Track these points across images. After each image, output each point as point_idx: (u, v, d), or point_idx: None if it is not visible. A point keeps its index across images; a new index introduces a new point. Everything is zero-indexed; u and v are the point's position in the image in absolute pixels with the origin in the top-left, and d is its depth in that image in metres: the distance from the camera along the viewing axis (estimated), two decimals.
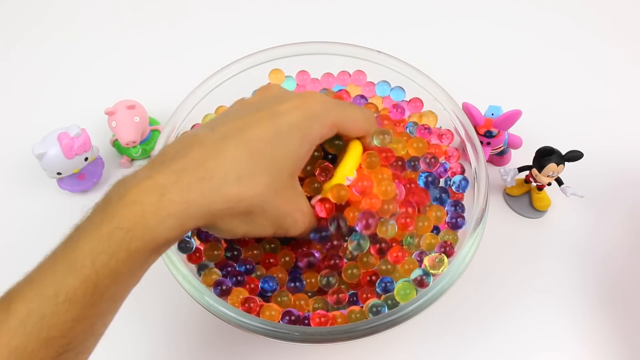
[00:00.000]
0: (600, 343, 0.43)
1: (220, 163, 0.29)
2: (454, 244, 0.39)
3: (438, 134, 0.43)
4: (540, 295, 0.45)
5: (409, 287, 0.37)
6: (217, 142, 0.30)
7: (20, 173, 0.52)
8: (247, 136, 0.30)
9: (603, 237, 0.48)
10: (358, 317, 0.36)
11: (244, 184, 0.30)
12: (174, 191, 0.28)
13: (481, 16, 0.64)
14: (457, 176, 0.41)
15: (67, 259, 0.27)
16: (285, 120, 0.32)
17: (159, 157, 0.30)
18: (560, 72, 0.59)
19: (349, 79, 0.47)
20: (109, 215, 0.27)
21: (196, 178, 0.28)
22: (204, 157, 0.29)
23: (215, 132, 0.31)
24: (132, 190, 0.27)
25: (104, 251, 0.26)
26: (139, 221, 0.27)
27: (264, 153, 0.31)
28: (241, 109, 0.33)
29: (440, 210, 0.39)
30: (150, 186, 0.28)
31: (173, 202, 0.28)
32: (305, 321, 0.36)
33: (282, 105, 0.32)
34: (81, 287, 0.26)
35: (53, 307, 0.26)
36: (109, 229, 0.27)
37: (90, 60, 0.61)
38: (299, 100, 0.33)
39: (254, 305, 0.37)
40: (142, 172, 0.29)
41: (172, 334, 0.44)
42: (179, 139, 0.32)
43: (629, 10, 0.64)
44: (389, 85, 0.46)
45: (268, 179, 0.31)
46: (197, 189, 0.28)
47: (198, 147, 0.30)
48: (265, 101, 0.33)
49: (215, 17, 0.64)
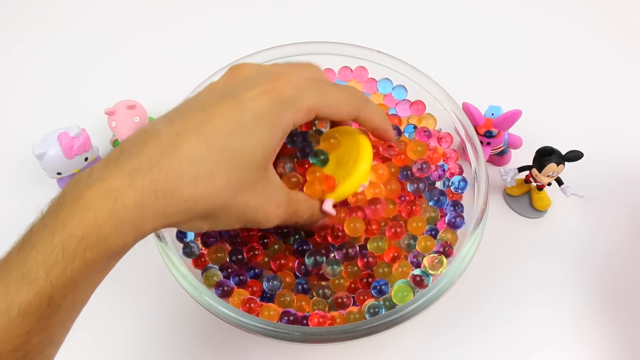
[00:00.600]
0: (601, 343, 0.43)
1: (175, 162, 0.27)
2: (453, 244, 0.39)
3: (437, 137, 0.43)
4: (540, 295, 0.45)
5: (406, 289, 0.37)
6: (173, 139, 0.28)
7: (20, 173, 0.52)
8: (207, 129, 0.28)
9: (603, 237, 0.48)
10: (357, 317, 0.36)
11: (201, 184, 0.28)
12: (127, 195, 0.26)
13: (481, 16, 0.64)
14: (456, 177, 0.41)
15: (20, 269, 0.25)
16: (250, 109, 0.29)
17: (115, 152, 0.28)
18: (561, 72, 0.59)
19: (350, 74, 0.47)
20: (62, 222, 0.25)
21: (150, 180, 0.26)
22: (158, 155, 0.27)
23: (174, 126, 0.28)
24: (85, 194, 0.26)
25: (58, 261, 0.25)
26: (92, 229, 0.25)
27: (225, 147, 0.28)
28: (206, 95, 0.31)
29: (435, 211, 0.39)
30: (103, 191, 0.26)
31: (126, 208, 0.26)
32: (304, 321, 0.36)
33: (249, 92, 0.30)
34: (35, 300, 0.25)
35: (6, 322, 0.24)
36: (62, 238, 0.25)
37: (90, 60, 0.61)
38: (268, 84, 0.30)
39: (254, 306, 0.37)
40: (97, 171, 0.27)
41: (172, 333, 0.44)
42: (138, 131, 0.29)
43: (629, 11, 0.64)
44: (391, 83, 0.46)
45: (230, 175, 0.29)
46: (151, 192, 0.26)
47: (153, 144, 0.27)
48: (231, 86, 0.31)
49: (215, 17, 0.64)
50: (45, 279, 0.25)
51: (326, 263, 0.38)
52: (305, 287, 0.38)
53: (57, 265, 0.25)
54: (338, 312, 0.38)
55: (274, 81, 0.30)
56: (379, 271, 0.38)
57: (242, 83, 0.31)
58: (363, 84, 0.47)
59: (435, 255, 0.38)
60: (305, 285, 0.39)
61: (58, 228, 0.25)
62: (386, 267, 0.38)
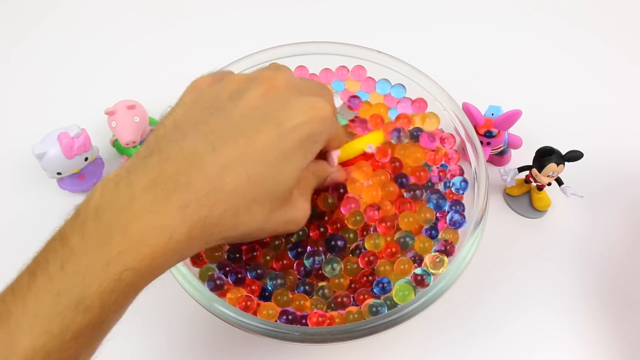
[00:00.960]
0: (601, 343, 0.43)
1: (220, 198, 0.28)
2: (454, 243, 0.39)
3: (440, 138, 0.43)
4: (540, 295, 0.45)
5: (407, 288, 0.37)
6: (218, 172, 0.28)
7: (20, 173, 0.52)
8: (249, 160, 0.29)
9: (603, 237, 0.48)
10: (356, 317, 0.36)
11: (241, 216, 0.29)
12: (180, 232, 0.27)
13: (481, 16, 0.64)
14: (457, 178, 0.41)
15: (73, 296, 0.25)
16: (290, 140, 0.30)
17: (156, 175, 0.27)
18: (560, 72, 0.59)
19: (347, 74, 0.47)
20: (116, 252, 0.26)
21: (199, 217, 0.27)
22: (206, 189, 0.28)
23: (217, 155, 0.28)
24: (136, 225, 0.26)
25: (114, 291, 0.26)
26: (148, 263, 0.26)
27: (264, 177, 0.29)
28: (245, 114, 0.30)
29: (430, 212, 0.39)
30: (158, 226, 0.26)
31: (179, 242, 0.27)
32: (303, 320, 0.36)
33: (291, 119, 0.30)
34: (89, 326, 0.26)
35: (59, 344, 0.25)
36: (117, 270, 0.26)
37: (90, 60, 0.61)
38: (307, 115, 0.31)
39: (251, 304, 0.37)
40: (140, 195, 0.27)
41: (171, 333, 0.44)
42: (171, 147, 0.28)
43: (628, 11, 0.64)
44: (389, 84, 0.46)
45: (266, 203, 0.30)
46: (199, 227, 0.28)
47: (198, 174, 0.28)
48: (272, 109, 0.30)
49: (215, 17, 0.64)
50: (100, 307, 0.26)
51: (325, 262, 0.38)
52: (308, 289, 0.38)
53: (112, 295, 0.26)
54: (337, 312, 0.38)
55: (312, 111, 0.31)
56: (380, 269, 0.38)
57: (282, 106, 0.31)
58: (361, 83, 0.47)
59: (437, 254, 0.38)
60: (308, 286, 0.39)
61: (113, 260, 0.26)
62: (387, 264, 0.38)
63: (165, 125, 0.30)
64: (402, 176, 0.40)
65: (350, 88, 0.48)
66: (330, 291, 0.38)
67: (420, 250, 0.38)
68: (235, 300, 0.37)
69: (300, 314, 0.37)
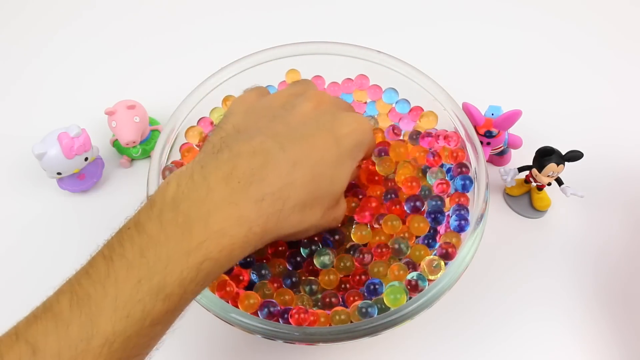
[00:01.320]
0: (601, 343, 0.43)
1: (292, 193, 0.30)
2: (457, 247, 0.38)
3: (444, 136, 0.43)
4: (540, 295, 0.45)
5: (399, 291, 0.36)
6: (289, 170, 0.30)
7: (20, 173, 0.52)
8: (313, 160, 0.31)
9: (603, 237, 0.48)
10: (343, 319, 0.36)
11: (307, 212, 0.32)
12: (258, 224, 0.29)
13: (481, 16, 0.64)
14: (459, 177, 0.41)
15: (154, 283, 0.26)
16: (345, 145, 0.33)
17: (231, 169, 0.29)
18: (560, 72, 0.59)
19: (352, 85, 0.47)
20: (197, 242, 0.27)
21: (273, 210, 0.29)
22: (279, 184, 0.30)
23: (287, 153, 0.31)
24: (216, 216, 0.28)
25: (192, 280, 0.27)
26: (227, 253, 0.28)
27: (325, 177, 0.32)
28: (300, 122, 0.33)
29: (423, 222, 0.39)
30: (237, 217, 0.28)
31: (256, 234, 0.29)
32: (285, 315, 0.36)
33: (342, 128, 0.34)
34: (168, 313, 0.27)
35: (138, 329, 0.26)
36: (197, 260, 0.27)
37: (90, 60, 0.61)
38: (355, 124, 0.34)
39: (231, 290, 0.36)
40: (221, 189, 0.28)
41: (170, 333, 0.44)
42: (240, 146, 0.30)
43: (628, 11, 0.64)
44: (397, 94, 0.46)
45: (325, 202, 0.33)
46: (274, 220, 0.29)
47: (272, 171, 0.30)
48: (323, 120, 0.34)
49: (215, 18, 0.64)
50: (179, 295, 0.27)
51: (317, 253, 0.37)
52: (295, 281, 0.38)
53: (191, 285, 0.27)
54: (323, 311, 0.37)
55: (358, 123, 0.35)
56: (374, 270, 0.38)
57: (333, 116, 0.34)
58: (367, 91, 0.47)
59: (434, 258, 0.37)
60: (295, 278, 0.38)
61: (194, 250, 0.27)
62: (381, 266, 0.38)
63: (225, 129, 0.33)
64: (391, 192, 0.41)
65: (357, 99, 0.48)
66: (318, 287, 0.38)
67: (415, 258, 0.38)
68: (214, 287, 0.37)
69: (283, 308, 0.36)
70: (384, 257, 0.38)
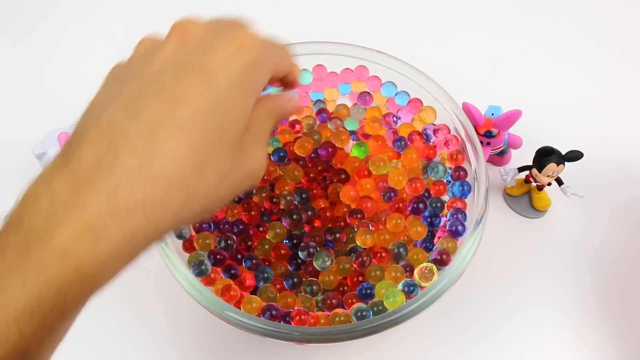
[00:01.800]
0: (601, 344, 0.43)
1: (159, 170, 0.22)
2: (452, 253, 0.38)
3: (445, 140, 0.43)
4: (540, 295, 0.45)
5: (398, 293, 0.36)
6: (147, 139, 0.23)
7: (20, 173, 0.52)
8: (180, 116, 0.23)
9: (603, 237, 0.48)
10: (342, 320, 0.36)
11: (191, 186, 0.24)
12: (112, 226, 0.21)
13: (481, 17, 0.64)
14: (458, 182, 0.41)
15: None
16: (222, 78, 0.25)
17: (76, 165, 0.22)
18: (560, 72, 0.59)
19: (351, 75, 0.47)
20: (35, 268, 0.21)
21: (134, 201, 0.22)
22: (136, 164, 0.22)
23: (140, 120, 0.23)
24: (57, 230, 0.21)
25: (33, 313, 0.21)
26: (73, 275, 0.21)
27: (207, 132, 0.24)
28: (159, 70, 0.25)
29: (421, 226, 0.39)
30: (82, 225, 0.21)
31: (111, 242, 0.21)
32: (287, 318, 0.36)
33: (214, 58, 0.25)
34: (8, 357, 0.21)
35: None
36: (36, 288, 0.21)
37: (90, 60, 0.61)
38: (231, 47, 0.26)
39: (234, 294, 0.36)
40: (61, 191, 0.22)
41: (170, 333, 0.44)
42: (88, 129, 0.24)
43: (627, 12, 0.64)
44: (395, 87, 0.46)
45: (217, 163, 0.25)
46: (139, 215, 0.22)
47: (125, 151, 0.22)
48: (189, 54, 0.26)
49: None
50: (18, 336, 0.21)
51: (316, 256, 0.37)
52: (296, 281, 0.38)
53: (32, 320, 0.21)
54: (323, 312, 0.37)
55: (238, 42, 0.27)
56: (371, 274, 0.38)
57: (201, 50, 0.26)
58: (366, 82, 0.47)
59: (426, 265, 0.37)
60: (296, 279, 0.38)
61: (30, 276, 0.21)
62: (379, 270, 0.38)
63: (82, 114, 0.26)
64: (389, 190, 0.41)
65: (356, 89, 0.48)
66: (318, 287, 0.38)
67: (412, 261, 0.38)
68: (218, 290, 0.37)
69: (285, 311, 0.37)
70: (382, 262, 0.38)
